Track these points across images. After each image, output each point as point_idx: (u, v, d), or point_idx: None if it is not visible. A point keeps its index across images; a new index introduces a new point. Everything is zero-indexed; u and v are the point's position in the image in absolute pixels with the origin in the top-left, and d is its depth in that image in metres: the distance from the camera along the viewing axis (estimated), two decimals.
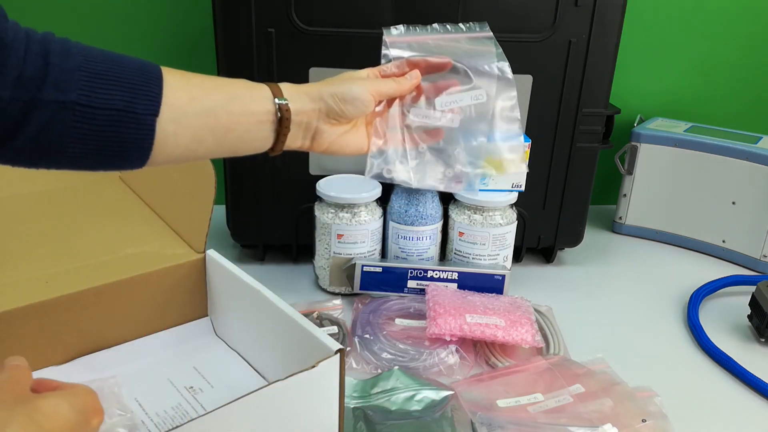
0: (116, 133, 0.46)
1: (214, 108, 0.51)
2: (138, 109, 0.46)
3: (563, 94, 0.91)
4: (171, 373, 0.71)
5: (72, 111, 0.44)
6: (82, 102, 0.44)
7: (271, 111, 0.53)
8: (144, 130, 0.47)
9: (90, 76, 0.45)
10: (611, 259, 1.07)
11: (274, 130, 0.54)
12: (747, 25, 1.17)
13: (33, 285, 0.68)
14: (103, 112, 0.45)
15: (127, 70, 0.47)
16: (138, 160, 0.48)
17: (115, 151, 0.46)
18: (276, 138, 0.54)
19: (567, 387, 0.70)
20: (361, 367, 0.76)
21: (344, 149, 0.59)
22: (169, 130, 0.48)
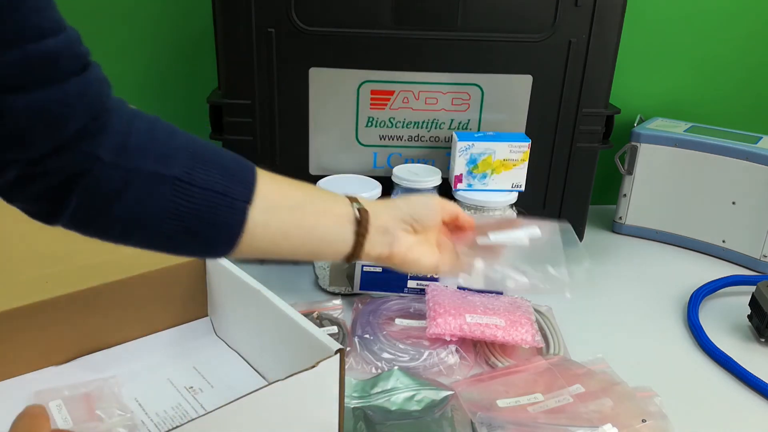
0: (211, 215, 0.46)
1: (301, 204, 0.52)
2: (234, 194, 0.47)
3: (563, 94, 0.91)
4: (171, 373, 0.71)
5: (173, 186, 0.44)
6: (184, 179, 0.44)
7: (351, 213, 0.54)
8: (237, 215, 0.47)
9: (193, 156, 0.46)
10: (611, 259, 1.07)
11: (354, 232, 0.54)
12: (747, 26, 1.17)
13: (33, 285, 0.68)
14: (202, 192, 0.45)
15: (225, 157, 0.48)
16: (226, 246, 0.48)
17: (208, 233, 0.46)
18: (356, 240, 0.54)
19: (567, 387, 0.70)
20: (361, 367, 0.76)
21: (420, 260, 0.58)
22: (259, 220, 0.48)
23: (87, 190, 0.42)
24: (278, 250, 0.51)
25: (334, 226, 0.53)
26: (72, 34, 0.40)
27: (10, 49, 0.36)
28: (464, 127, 0.93)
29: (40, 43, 0.37)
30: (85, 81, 0.40)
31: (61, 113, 0.39)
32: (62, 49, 0.39)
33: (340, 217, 0.54)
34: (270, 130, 0.90)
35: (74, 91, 0.39)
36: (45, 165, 0.41)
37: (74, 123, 0.40)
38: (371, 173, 0.94)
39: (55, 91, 0.38)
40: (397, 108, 0.91)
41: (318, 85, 0.88)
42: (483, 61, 0.88)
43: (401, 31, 0.86)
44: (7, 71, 0.36)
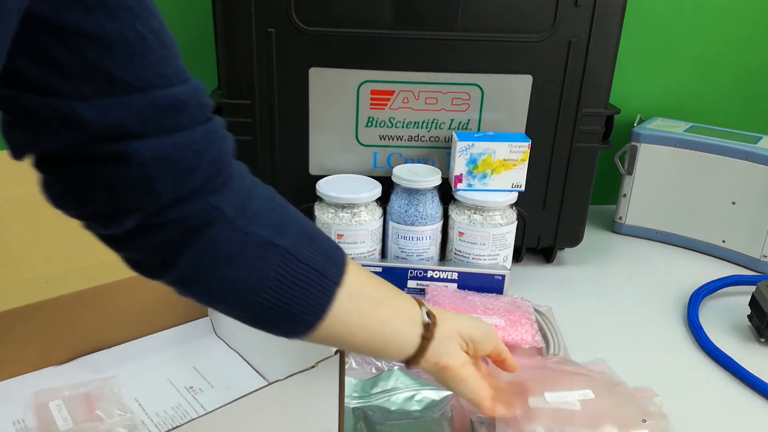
0: (306, 291, 0.46)
1: (381, 298, 0.52)
2: (329, 275, 0.47)
3: (563, 94, 0.91)
4: (171, 373, 0.71)
5: (281, 256, 0.45)
6: (292, 251, 0.45)
7: (420, 316, 0.54)
8: (327, 296, 0.47)
9: (302, 231, 0.47)
10: (611, 259, 1.07)
11: (421, 336, 0.53)
12: (747, 26, 1.17)
13: (33, 285, 0.68)
14: (304, 267, 0.46)
15: (324, 238, 0.49)
16: (308, 325, 0.48)
17: (297, 308, 0.46)
18: (421, 344, 0.53)
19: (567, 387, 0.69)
20: (361, 367, 0.76)
21: (468, 380, 0.57)
22: (344, 305, 0.48)
23: (205, 244, 0.42)
24: (352, 339, 0.50)
25: (405, 326, 0.53)
26: (197, 84, 0.40)
27: (137, 93, 0.36)
28: (464, 127, 0.93)
29: (168, 90, 0.38)
30: (211, 130, 0.41)
31: (187, 160, 0.39)
32: (189, 97, 0.39)
33: (412, 318, 0.53)
34: (270, 130, 0.90)
35: (200, 139, 0.40)
36: (168, 215, 0.40)
37: (200, 172, 0.40)
38: (371, 173, 0.94)
39: (181, 138, 0.39)
40: (397, 108, 0.91)
41: (318, 85, 0.88)
42: (483, 61, 0.88)
43: (401, 31, 0.86)
44: (134, 116, 0.36)
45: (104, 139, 0.36)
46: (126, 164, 0.37)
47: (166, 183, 0.39)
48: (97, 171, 0.38)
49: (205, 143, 0.40)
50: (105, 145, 0.37)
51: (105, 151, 0.37)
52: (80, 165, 0.38)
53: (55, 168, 0.39)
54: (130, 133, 0.37)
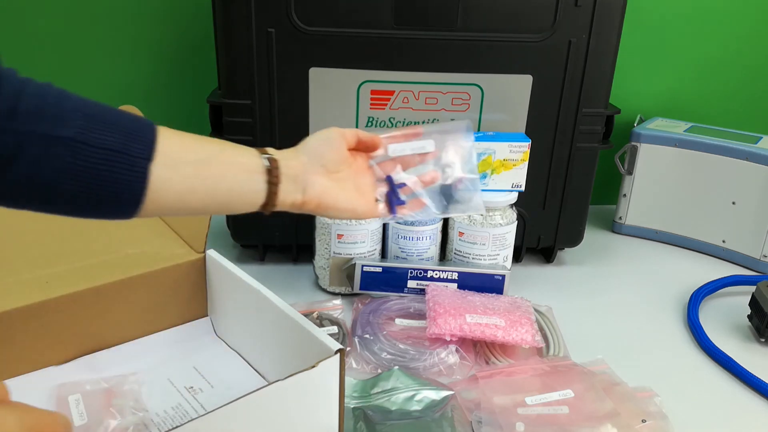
0: (110, 173, 0.46)
1: (206, 157, 0.52)
2: (133, 152, 0.47)
3: (563, 94, 0.91)
4: (171, 373, 0.71)
5: (67, 147, 0.44)
6: (79, 139, 0.45)
7: (260, 163, 0.54)
8: (137, 173, 0.47)
9: (87, 117, 0.46)
10: (611, 259, 1.07)
11: (266, 182, 0.54)
12: (747, 26, 1.17)
13: (33, 285, 0.68)
14: (99, 151, 0.45)
15: (122, 117, 0.48)
16: (130, 206, 0.48)
17: (108, 192, 0.46)
18: (268, 190, 0.54)
19: (567, 387, 0.69)
20: (361, 367, 0.76)
21: (337, 204, 0.59)
22: (162, 176, 0.48)
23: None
24: (188, 206, 0.51)
25: (244, 177, 0.53)
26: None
27: None
28: None
29: None
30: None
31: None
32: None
33: (249, 168, 0.54)
34: (270, 130, 0.90)
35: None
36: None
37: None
38: None
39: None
40: (397, 108, 0.91)
41: (318, 85, 0.88)
42: (483, 61, 0.88)
43: (401, 31, 0.86)
44: None
45: None
46: None
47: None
48: None
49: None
50: None
51: None
52: None
53: None
54: None
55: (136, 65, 1.12)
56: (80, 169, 0.45)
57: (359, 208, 0.60)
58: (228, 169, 0.53)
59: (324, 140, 0.60)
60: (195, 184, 0.51)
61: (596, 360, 0.76)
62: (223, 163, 0.52)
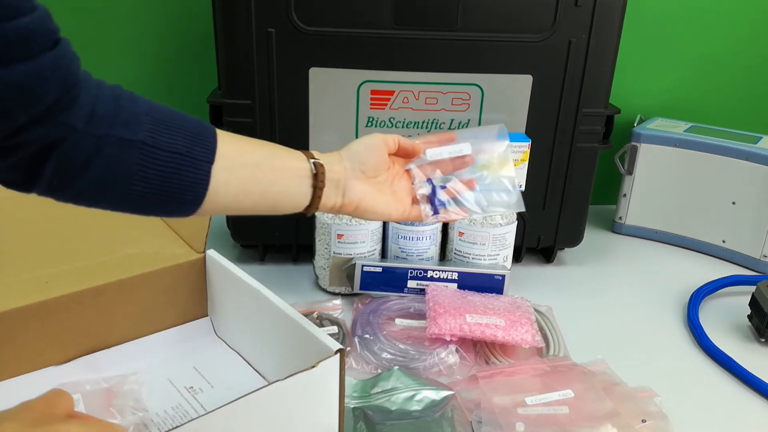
0: (176, 175, 0.49)
1: (260, 161, 0.55)
2: (197, 155, 0.50)
3: (563, 94, 0.91)
4: (171, 373, 0.71)
5: (139, 150, 0.47)
6: (149, 142, 0.48)
7: (308, 168, 0.58)
8: (201, 175, 0.50)
9: (156, 121, 0.49)
10: (611, 259, 1.07)
11: (311, 186, 0.57)
12: (747, 26, 1.17)
13: (33, 285, 0.68)
14: (167, 154, 0.48)
15: (187, 122, 0.51)
16: (192, 204, 0.51)
17: (174, 192, 0.50)
18: (313, 193, 0.57)
19: (567, 387, 0.69)
20: (361, 367, 0.76)
21: (374, 208, 0.62)
22: (221, 178, 0.52)
23: (61, 158, 0.45)
24: (240, 206, 0.55)
25: (293, 181, 0.57)
26: (43, 11, 0.42)
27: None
28: (464, 127, 0.93)
29: (15, 21, 0.39)
30: (58, 56, 0.43)
31: (36, 86, 0.42)
32: (36, 26, 0.41)
33: (298, 173, 0.57)
34: (270, 130, 0.90)
35: (48, 66, 0.42)
36: (23, 136, 0.43)
37: (49, 96, 0.42)
38: None
39: (30, 66, 0.41)
40: (397, 108, 0.91)
41: (318, 85, 0.88)
42: (483, 61, 0.88)
43: (401, 31, 0.86)
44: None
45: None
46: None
47: (19, 108, 0.41)
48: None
49: (55, 68, 0.42)
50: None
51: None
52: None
53: None
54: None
55: (136, 65, 1.12)
56: (150, 170, 0.48)
57: (394, 213, 0.63)
58: (280, 172, 0.56)
59: (366, 146, 0.62)
60: (250, 186, 0.54)
61: (596, 360, 0.76)
62: (275, 167, 0.56)
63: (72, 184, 0.47)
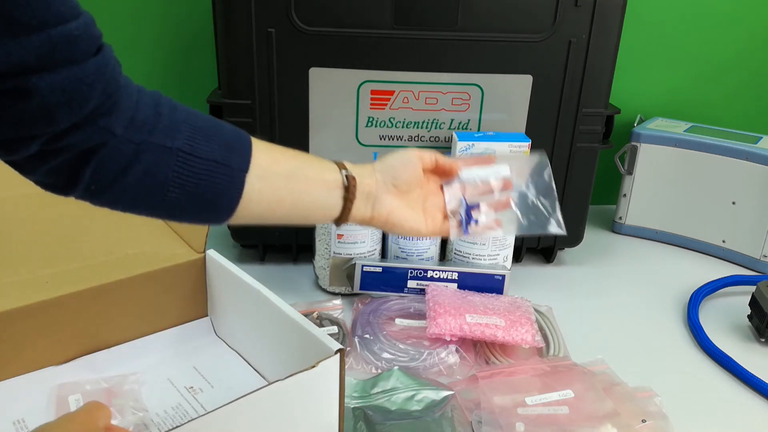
0: (212, 183, 0.50)
1: (293, 171, 0.55)
2: (232, 164, 0.51)
3: (563, 94, 0.91)
4: (171, 373, 0.71)
5: (176, 157, 0.48)
6: (186, 150, 0.48)
7: (339, 179, 0.57)
8: (236, 183, 0.51)
9: (194, 129, 0.49)
10: (611, 259, 1.07)
11: (342, 197, 0.57)
12: (747, 26, 1.17)
13: (33, 285, 0.68)
14: (203, 162, 0.49)
15: (223, 130, 0.52)
16: (226, 212, 0.52)
17: (209, 199, 0.50)
18: (343, 205, 0.57)
19: (567, 387, 0.70)
20: (361, 367, 0.76)
21: (403, 223, 0.61)
22: (255, 187, 0.52)
23: (101, 163, 0.45)
24: (273, 215, 0.55)
25: (325, 192, 0.57)
26: (88, 18, 0.43)
27: (35, 32, 0.39)
28: (464, 127, 0.93)
29: (62, 26, 0.40)
30: (102, 61, 0.43)
31: (80, 91, 0.42)
32: (81, 32, 0.42)
33: (330, 184, 0.57)
34: (270, 130, 0.90)
35: (92, 71, 0.43)
36: (65, 140, 0.44)
37: (92, 101, 0.43)
38: None
39: (75, 71, 0.41)
40: (397, 108, 0.91)
41: (318, 85, 0.88)
42: (483, 61, 0.88)
43: (401, 31, 0.86)
44: (32, 53, 0.39)
45: (6, 76, 0.39)
46: (27, 97, 0.40)
47: (64, 112, 0.42)
48: (2, 103, 0.41)
49: (98, 73, 0.43)
50: (7, 81, 0.40)
51: (7, 86, 0.40)
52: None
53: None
54: (29, 68, 0.40)
55: (135, 65, 1.12)
56: (186, 177, 0.49)
57: (423, 228, 0.62)
58: (312, 183, 0.56)
59: (401, 161, 0.62)
60: (283, 196, 0.54)
61: (596, 360, 0.76)
62: (307, 177, 0.56)
63: (110, 189, 0.47)
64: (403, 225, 0.61)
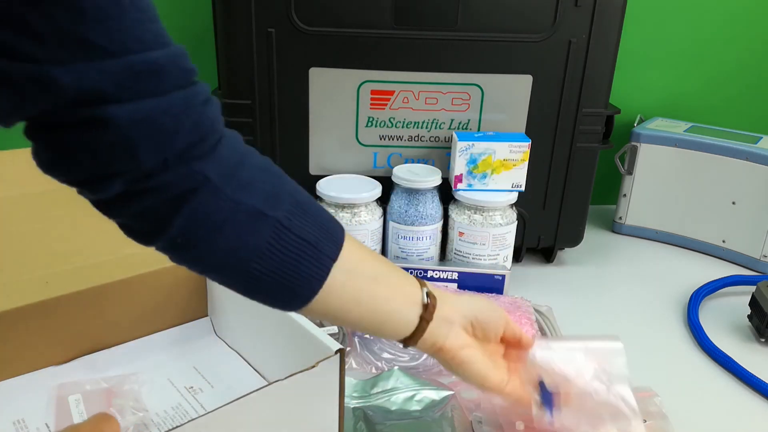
0: (297, 264, 0.46)
1: (378, 275, 0.52)
2: (323, 249, 0.47)
3: (563, 94, 0.91)
4: (171, 373, 0.71)
5: (272, 227, 0.44)
6: (284, 223, 0.45)
7: (420, 296, 0.54)
8: (322, 270, 0.47)
9: (296, 203, 0.46)
10: (611, 259, 1.07)
11: (419, 316, 0.53)
12: (747, 26, 1.17)
13: (33, 285, 0.68)
14: (297, 240, 0.46)
15: (321, 211, 0.49)
16: (303, 298, 0.48)
17: (289, 282, 0.46)
18: (418, 324, 0.53)
19: None
20: (361, 367, 0.76)
21: (471, 364, 0.56)
22: (338, 279, 0.48)
23: (193, 212, 0.42)
24: (347, 315, 0.51)
25: (404, 305, 0.53)
26: (178, 50, 0.40)
27: (112, 58, 0.36)
28: (464, 127, 0.93)
29: (145, 54, 0.38)
30: (191, 95, 0.41)
31: (166, 124, 0.39)
32: (167, 61, 0.39)
33: (411, 298, 0.53)
34: (270, 130, 0.90)
35: (179, 103, 0.40)
36: (154, 180, 0.40)
37: (182, 137, 0.40)
38: (371, 173, 0.94)
39: (160, 102, 0.39)
40: (397, 108, 0.91)
41: (318, 85, 0.88)
42: (483, 61, 0.88)
43: (401, 31, 0.86)
44: (109, 80, 0.36)
45: (82, 104, 0.37)
46: (104, 128, 0.37)
47: (147, 147, 0.39)
48: (78, 135, 0.38)
49: (185, 107, 0.40)
50: (83, 110, 0.37)
51: (83, 115, 0.37)
52: (62, 130, 0.38)
53: (40, 134, 0.39)
54: (107, 97, 0.37)
55: None
56: (275, 252, 0.45)
57: (492, 378, 0.57)
58: (395, 293, 0.53)
59: (489, 310, 0.59)
60: (363, 298, 0.51)
61: None
62: (390, 285, 0.52)
63: (197, 246, 0.43)
64: (471, 367, 0.56)
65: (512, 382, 0.59)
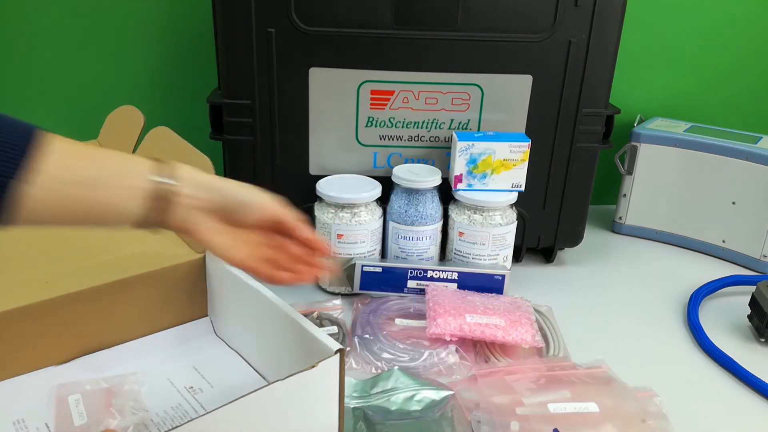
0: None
1: (91, 181, 0.49)
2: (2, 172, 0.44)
3: (563, 94, 0.91)
4: (171, 373, 0.71)
5: None
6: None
7: (146, 189, 0.51)
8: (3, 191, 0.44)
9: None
10: (611, 259, 1.07)
11: (147, 208, 0.52)
12: (747, 26, 1.17)
13: (33, 285, 0.68)
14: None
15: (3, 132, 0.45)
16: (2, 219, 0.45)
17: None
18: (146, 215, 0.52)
19: (566, 387, 0.69)
20: (361, 367, 0.76)
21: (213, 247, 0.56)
22: (37, 196, 0.45)
23: None
24: (65, 221, 0.49)
25: (127, 204, 0.51)
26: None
27: None
28: (464, 127, 0.93)
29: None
30: None
31: None
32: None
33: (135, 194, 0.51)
34: (270, 130, 0.90)
35: None
36: None
37: None
38: (371, 173, 0.94)
39: None
40: (397, 108, 0.91)
41: (318, 85, 0.88)
42: (483, 61, 0.88)
43: (401, 31, 0.86)
44: None
45: None
46: None
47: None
48: None
49: None
50: None
51: None
52: None
53: None
54: None
55: (135, 65, 1.12)
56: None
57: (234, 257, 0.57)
58: (114, 193, 0.50)
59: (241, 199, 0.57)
60: (76, 206, 0.48)
61: (596, 360, 0.76)
62: (110, 187, 0.50)
63: None
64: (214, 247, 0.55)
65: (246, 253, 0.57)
